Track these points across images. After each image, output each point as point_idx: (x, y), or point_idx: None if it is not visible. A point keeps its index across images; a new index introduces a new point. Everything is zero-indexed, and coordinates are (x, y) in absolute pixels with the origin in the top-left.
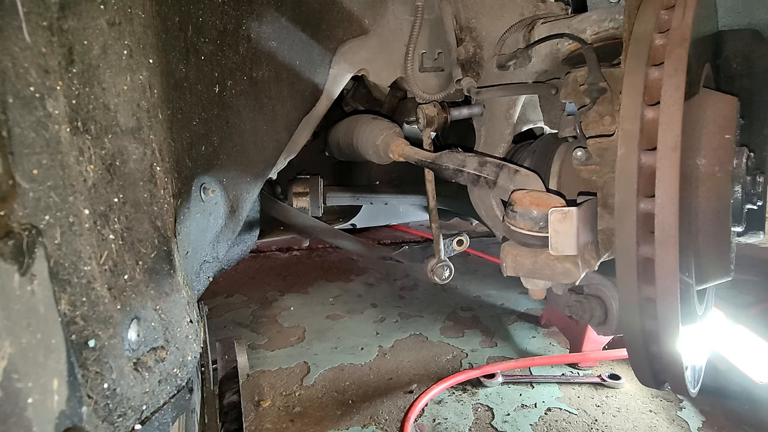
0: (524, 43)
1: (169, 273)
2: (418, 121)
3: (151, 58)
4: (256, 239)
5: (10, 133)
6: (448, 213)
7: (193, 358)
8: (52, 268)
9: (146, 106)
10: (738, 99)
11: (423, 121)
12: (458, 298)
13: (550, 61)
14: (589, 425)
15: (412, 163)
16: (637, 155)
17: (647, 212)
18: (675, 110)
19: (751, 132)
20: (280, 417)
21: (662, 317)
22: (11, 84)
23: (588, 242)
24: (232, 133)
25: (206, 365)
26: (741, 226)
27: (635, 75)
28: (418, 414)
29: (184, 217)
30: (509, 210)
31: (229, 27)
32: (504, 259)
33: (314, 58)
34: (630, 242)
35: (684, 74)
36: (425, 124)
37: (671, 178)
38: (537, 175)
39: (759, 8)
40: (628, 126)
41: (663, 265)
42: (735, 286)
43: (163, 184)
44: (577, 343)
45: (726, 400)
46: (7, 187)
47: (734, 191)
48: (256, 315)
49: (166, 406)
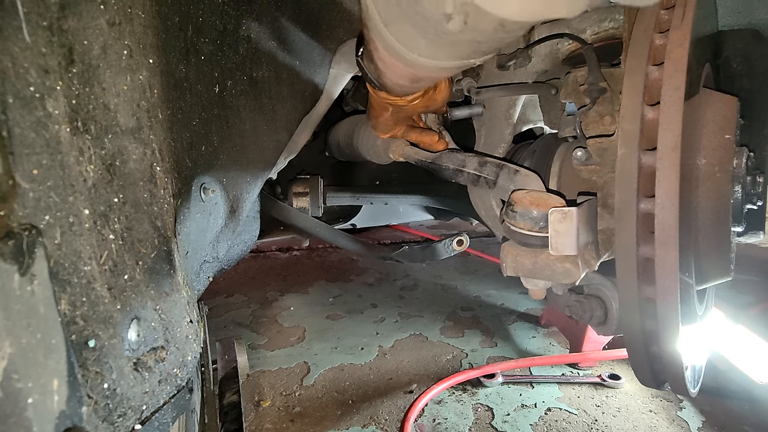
0: (524, 43)
1: (169, 273)
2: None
3: (151, 58)
4: (256, 239)
5: (10, 133)
6: (448, 213)
7: (193, 358)
8: (52, 268)
9: (146, 106)
10: (738, 99)
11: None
12: (458, 298)
13: (550, 61)
14: (589, 425)
15: (412, 163)
16: (637, 155)
17: (647, 212)
18: (675, 110)
19: (751, 132)
20: (280, 417)
21: (662, 317)
22: (11, 84)
23: (588, 242)
24: (232, 133)
25: (206, 365)
26: (741, 226)
27: (635, 75)
28: (418, 414)
29: (184, 217)
30: (509, 210)
31: (229, 27)
32: (504, 259)
33: (314, 58)
34: (630, 242)
35: (684, 74)
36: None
37: (671, 178)
38: (537, 175)
39: (759, 8)
40: (628, 126)
41: (663, 265)
42: (735, 286)
43: (163, 184)
44: (577, 343)
45: (726, 400)
46: (7, 187)
47: (734, 191)
48: (256, 315)
49: (166, 406)
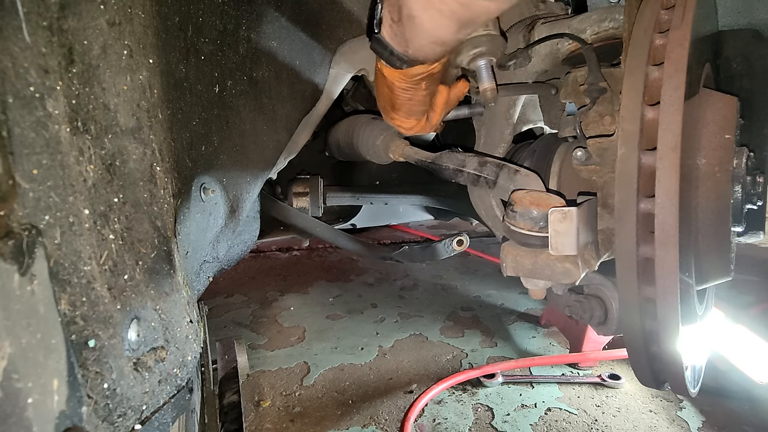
0: (524, 43)
1: (169, 273)
2: None
3: (151, 58)
4: (256, 239)
5: (10, 133)
6: (448, 213)
7: (193, 358)
8: (52, 268)
9: (146, 106)
10: (738, 99)
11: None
12: (458, 298)
13: (550, 61)
14: (589, 425)
15: (412, 163)
16: (637, 155)
17: (647, 212)
18: (675, 110)
19: (751, 132)
20: (280, 417)
21: (662, 317)
22: (11, 84)
23: (588, 242)
24: (232, 133)
25: (206, 365)
26: (741, 226)
27: (635, 75)
28: (418, 414)
29: (184, 217)
30: (509, 210)
31: (229, 27)
32: (504, 259)
33: (314, 58)
34: (630, 242)
35: (684, 74)
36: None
37: (671, 178)
38: (537, 175)
39: (759, 8)
40: (628, 126)
41: (663, 265)
42: (735, 286)
43: (163, 184)
44: (577, 343)
45: (726, 400)
46: (7, 187)
47: (734, 191)
48: (256, 315)
49: (166, 406)
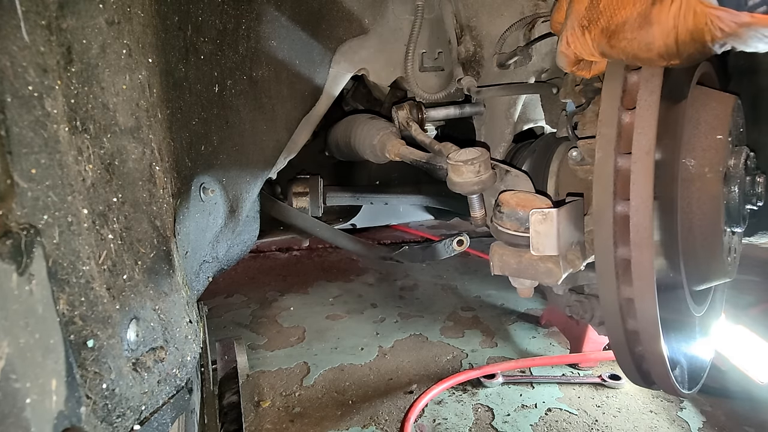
0: (524, 42)
1: (169, 273)
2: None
3: (150, 58)
4: (256, 239)
5: (8, 133)
6: (448, 213)
7: (192, 359)
8: (51, 267)
9: (145, 106)
10: (739, 97)
11: (397, 125)
12: (458, 298)
13: (550, 59)
14: (589, 426)
15: (408, 162)
16: (614, 159)
17: (624, 214)
18: (650, 114)
19: (760, 131)
20: (280, 417)
21: (641, 317)
22: (9, 83)
23: (573, 242)
24: (231, 133)
25: (206, 365)
26: (740, 226)
27: (614, 79)
28: (418, 414)
29: (183, 217)
30: (496, 210)
31: (229, 26)
32: (492, 259)
33: (314, 57)
34: (608, 244)
35: (660, 78)
36: (398, 127)
37: (645, 181)
38: (527, 176)
39: None
40: (606, 130)
41: (639, 265)
42: (735, 286)
43: (163, 184)
44: (577, 344)
45: (726, 401)
46: (5, 186)
47: (731, 192)
48: (256, 315)
49: (165, 406)
